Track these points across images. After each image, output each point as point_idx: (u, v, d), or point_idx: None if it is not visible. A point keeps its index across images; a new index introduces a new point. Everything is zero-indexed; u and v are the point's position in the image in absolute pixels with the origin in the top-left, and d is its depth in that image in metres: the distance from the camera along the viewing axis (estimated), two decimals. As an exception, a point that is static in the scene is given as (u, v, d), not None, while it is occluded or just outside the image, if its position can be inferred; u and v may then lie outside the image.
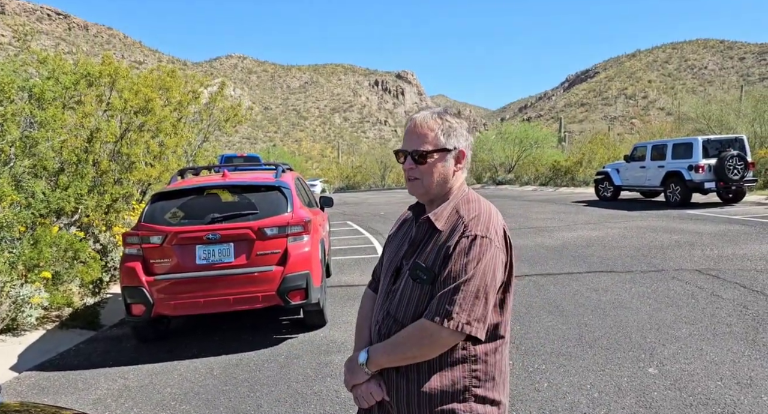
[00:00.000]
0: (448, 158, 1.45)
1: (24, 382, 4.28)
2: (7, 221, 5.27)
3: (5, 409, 1.68)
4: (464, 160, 1.48)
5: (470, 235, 1.37)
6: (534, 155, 33.52)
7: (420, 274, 1.40)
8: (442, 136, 1.43)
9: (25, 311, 5.23)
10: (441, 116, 1.46)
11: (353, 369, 1.48)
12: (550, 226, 11.31)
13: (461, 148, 1.46)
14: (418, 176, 1.45)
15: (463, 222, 1.40)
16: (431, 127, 1.43)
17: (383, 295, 1.52)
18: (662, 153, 14.63)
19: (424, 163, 1.43)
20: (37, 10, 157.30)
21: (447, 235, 1.41)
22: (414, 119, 1.46)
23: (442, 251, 1.39)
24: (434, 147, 1.43)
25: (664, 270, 6.68)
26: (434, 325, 1.35)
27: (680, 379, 3.55)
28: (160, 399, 3.79)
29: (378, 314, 1.52)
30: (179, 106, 10.98)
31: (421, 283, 1.39)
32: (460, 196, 1.48)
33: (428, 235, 1.45)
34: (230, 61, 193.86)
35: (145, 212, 4.94)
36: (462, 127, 1.47)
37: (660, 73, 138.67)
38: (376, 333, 1.50)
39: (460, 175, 1.49)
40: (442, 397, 1.38)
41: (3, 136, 5.97)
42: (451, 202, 1.46)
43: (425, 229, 1.46)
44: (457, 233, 1.39)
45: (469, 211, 1.43)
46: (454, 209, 1.45)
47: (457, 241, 1.37)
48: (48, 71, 7.37)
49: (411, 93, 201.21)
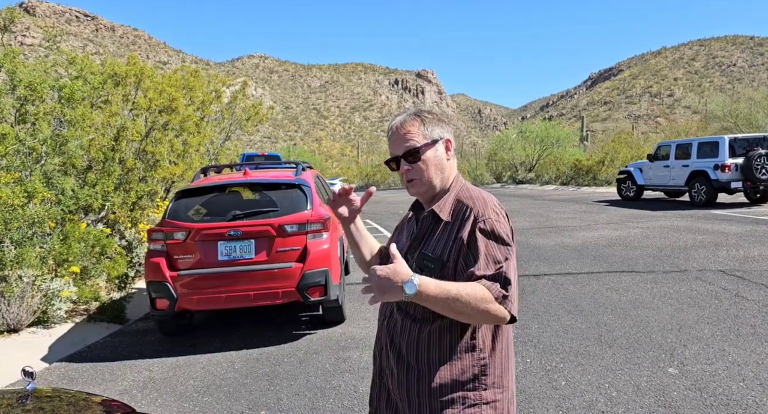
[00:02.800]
0: (438, 148, 1.49)
1: (54, 373, 4.43)
2: (39, 217, 5.45)
3: (38, 394, 1.77)
4: (452, 147, 1.53)
5: (485, 219, 1.39)
6: (555, 154, 33.15)
7: (427, 263, 1.41)
8: (426, 130, 1.47)
9: (55, 304, 5.41)
10: (418, 114, 1.51)
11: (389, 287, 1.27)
12: (571, 226, 11.20)
13: (446, 136, 1.51)
14: (416, 176, 1.48)
15: (473, 210, 1.42)
16: (412, 124, 1.48)
17: None
18: (687, 152, 14.35)
19: (418, 160, 1.46)
20: (66, 12, 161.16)
21: (457, 225, 1.42)
22: (394, 125, 1.50)
23: (455, 241, 1.40)
24: (422, 141, 1.46)
25: (687, 270, 6.58)
26: (489, 285, 1.31)
27: (701, 379, 3.51)
28: (183, 391, 3.90)
29: (385, 308, 1.54)
30: (202, 105, 11.19)
31: (429, 272, 1.38)
32: (459, 187, 1.51)
33: (432, 228, 1.47)
34: (252, 60, 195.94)
35: (169, 209, 5.06)
36: (440, 120, 1.52)
37: (686, 70, 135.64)
38: (384, 328, 1.53)
39: (453, 162, 1.53)
40: (453, 387, 1.40)
41: (35, 135, 6.17)
42: (451, 194, 1.49)
43: (429, 222, 1.48)
44: (469, 221, 1.40)
45: (473, 199, 1.45)
46: (455, 200, 1.47)
47: (473, 229, 1.38)
48: (77, 71, 7.58)
49: (431, 92, 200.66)
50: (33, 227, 5.49)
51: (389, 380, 1.50)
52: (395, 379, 1.47)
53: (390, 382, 1.50)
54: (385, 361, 1.52)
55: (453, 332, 1.41)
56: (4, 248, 5.30)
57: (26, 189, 5.40)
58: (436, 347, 1.42)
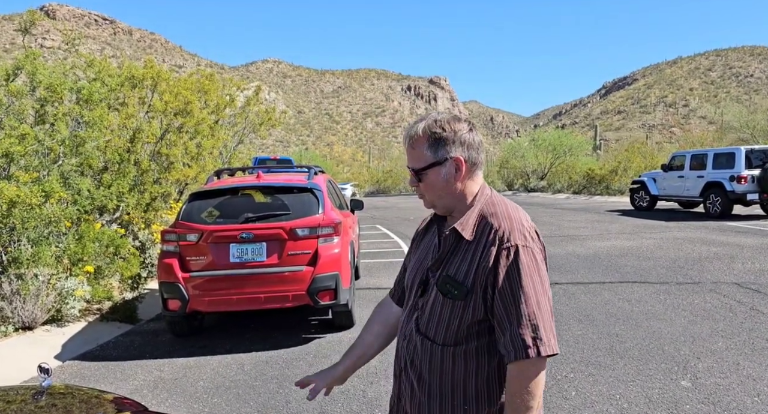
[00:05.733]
0: (442, 171, 1.36)
1: (67, 370, 4.48)
2: (55, 217, 5.53)
3: (52, 391, 1.80)
4: (465, 166, 1.36)
5: (510, 247, 1.28)
6: (567, 163, 32.98)
7: (450, 288, 1.32)
8: (428, 151, 1.35)
9: (69, 303, 5.47)
10: (430, 128, 1.36)
11: None
12: (583, 235, 11.11)
13: (456, 155, 1.35)
14: (422, 193, 1.41)
15: (496, 231, 1.31)
16: (420, 142, 1.36)
17: (410, 308, 1.45)
18: (702, 163, 14.21)
19: (422, 181, 1.38)
20: (86, 16, 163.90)
21: (482, 247, 1.31)
22: (406, 136, 1.40)
23: (479, 265, 1.30)
24: (424, 164, 1.36)
25: (701, 282, 6.49)
26: (533, 360, 1.24)
27: (715, 393, 3.46)
28: (193, 392, 3.92)
29: (405, 328, 1.44)
30: (216, 108, 11.31)
31: (452, 298, 1.31)
32: (483, 201, 1.39)
33: (455, 246, 1.36)
34: (266, 65, 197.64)
35: (183, 211, 5.10)
36: (455, 134, 1.35)
37: (702, 80, 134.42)
38: (404, 348, 1.44)
39: (469, 182, 1.38)
40: (477, 411, 1.34)
41: (53, 135, 6.27)
42: (475, 209, 1.37)
43: (451, 241, 1.37)
44: (493, 244, 1.30)
45: (498, 217, 1.34)
46: (480, 215, 1.36)
47: (498, 254, 1.28)
48: (94, 74, 7.71)
49: (443, 98, 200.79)
50: (49, 226, 5.57)
51: (408, 403, 1.42)
52: (416, 401, 1.39)
53: (408, 405, 1.42)
54: (404, 384, 1.44)
55: (480, 356, 1.33)
56: (21, 247, 5.38)
57: (44, 189, 5.48)
58: (462, 371, 1.33)
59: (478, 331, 1.32)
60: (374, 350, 1.63)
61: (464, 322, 1.31)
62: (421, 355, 1.38)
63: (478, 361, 1.33)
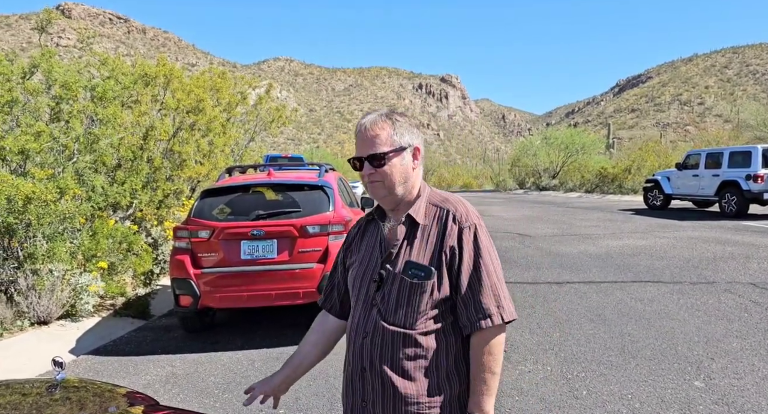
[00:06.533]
0: (405, 156, 1.42)
1: (81, 365, 4.54)
2: (70, 213, 5.60)
3: (66, 384, 1.82)
4: (420, 155, 1.46)
5: (470, 226, 1.40)
6: (580, 161, 32.73)
7: (417, 272, 1.38)
8: (395, 135, 1.40)
9: (83, 299, 5.54)
10: (389, 117, 1.43)
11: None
12: (595, 234, 11.02)
13: (416, 144, 1.44)
14: (379, 179, 1.41)
15: (454, 214, 1.42)
16: (382, 127, 1.40)
17: (365, 305, 1.46)
18: (718, 161, 14.01)
19: (383, 165, 1.40)
20: (100, 15, 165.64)
21: (441, 229, 1.41)
22: (363, 124, 1.42)
23: (442, 244, 1.39)
24: (390, 147, 1.39)
25: (716, 282, 6.41)
26: (497, 327, 1.37)
27: (729, 394, 3.41)
28: (204, 387, 3.95)
29: (364, 326, 1.44)
30: (228, 106, 11.37)
31: (420, 280, 1.38)
32: (428, 192, 1.48)
33: (410, 235, 1.43)
34: (277, 63, 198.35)
35: (195, 208, 5.14)
36: (412, 125, 1.45)
37: (718, 78, 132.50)
38: (366, 345, 1.43)
39: (419, 171, 1.47)
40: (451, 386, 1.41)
41: (68, 133, 6.35)
42: (422, 199, 1.46)
43: (406, 229, 1.44)
44: (452, 226, 1.40)
45: (450, 202, 1.45)
46: (429, 204, 1.45)
47: (460, 234, 1.39)
48: (108, 72, 7.79)
49: (455, 97, 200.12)
50: (64, 223, 5.64)
51: (378, 401, 1.41)
52: (388, 394, 1.39)
53: (380, 403, 1.41)
54: (368, 383, 1.42)
55: (448, 335, 1.41)
56: (36, 242, 5.46)
57: (58, 185, 5.56)
58: (434, 351, 1.40)
59: (443, 312, 1.40)
60: (312, 359, 1.67)
61: (433, 302, 1.39)
62: (392, 345, 1.40)
63: (447, 340, 1.41)
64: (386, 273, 1.43)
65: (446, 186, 48.64)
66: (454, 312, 1.40)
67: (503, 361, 4.13)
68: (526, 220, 14.51)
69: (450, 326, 1.41)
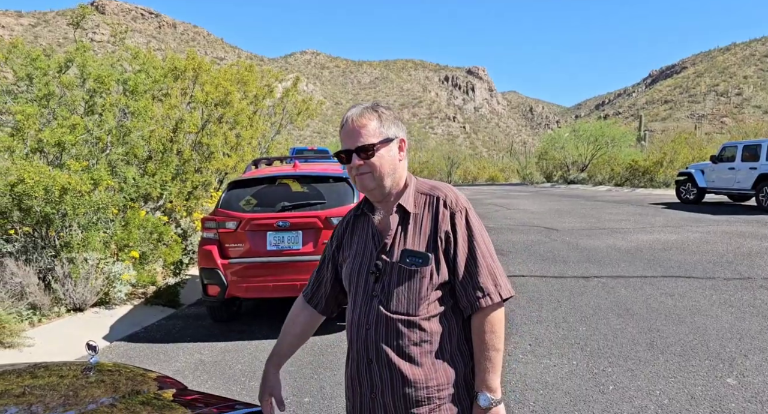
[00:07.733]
0: (392, 147, 1.45)
1: (114, 351, 4.70)
2: (103, 203, 5.77)
3: (100, 368, 1.89)
4: (405, 147, 1.50)
5: (461, 210, 1.44)
6: (610, 154, 31.98)
7: (415, 259, 1.41)
8: (382, 127, 1.43)
9: (116, 287, 5.72)
10: (375, 109, 1.45)
11: None
12: (624, 228, 10.79)
13: (401, 136, 1.48)
14: (368, 170, 1.43)
15: (444, 200, 1.45)
16: (369, 119, 1.42)
17: (364, 298, 1.47)
18: (755, 154, 13.52)
19: (372, 156, 1.41)
20: (132, 10, 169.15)
21: (433, 215, 1.45)
22: (349, 117, 1.44)
23: (437, 230, 1.43)
24: (378, 138, 1.42)
25: (751, 278, 6.21)
26: (496, 304, 1.41)
27: (763, 392, 3.31)
28: (231, 374, 4.04)
29: (367, 317, 1.45)
30: (255, 99, 11.50)
31: (418, 266, 1.41)
32: (414, 182, 1.51)
33: (402, 224, 1.46)
34: (304, 56, 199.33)
35: (222, 199, 5.23)
36: (396, 118, 1.49)
37: (758, 68, 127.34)
38: (371, 336, 1.44)
39: (404, 163, 1.51)
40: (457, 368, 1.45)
41: (101, 126, 6.53)
42: (410, 189, 1.49)
43: (398, 218, 1.47)
44: (444, 211, 1.44)
45: (438, 189, 1.48)
46: (417, 193, 1.49)
47: (452, 218, 1.43)
48: (140, 65, 7.96)
49: (481, 89, 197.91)
50: (98, 213, 5.82)
51: (388, 390, 1.42)
52: (398, 383, 1.41)
53: (389, 392, 1.42)
54: (376, 375, 1.43)
55: (449, 319, 1.45)
56: (72, 232, 5.65)
57: (93, 177, 5.72)
58: (439, 335, 1.43)
59: (443, 295, 1.43)
60: (293, 351, 1.81)
61: (433, 286, 1.42)
62: (397, 333, 1.42)
63: (449, 323, 1.44)
64: (383, 264, 1.45)
65: (472, 179, 48.22)
66: (454, 295, 1.44)
67: (528, 355, 4.11)
68: (553, 213, 14.29)
69: (450, 310, 1.44)
